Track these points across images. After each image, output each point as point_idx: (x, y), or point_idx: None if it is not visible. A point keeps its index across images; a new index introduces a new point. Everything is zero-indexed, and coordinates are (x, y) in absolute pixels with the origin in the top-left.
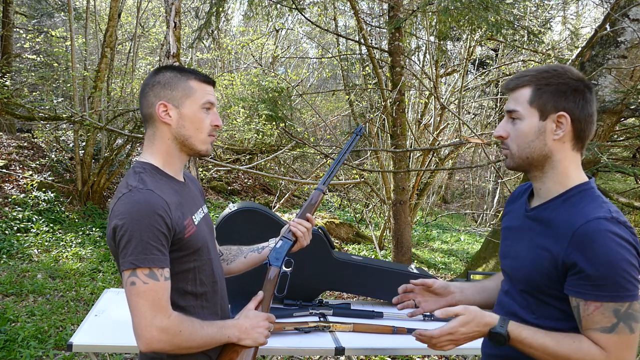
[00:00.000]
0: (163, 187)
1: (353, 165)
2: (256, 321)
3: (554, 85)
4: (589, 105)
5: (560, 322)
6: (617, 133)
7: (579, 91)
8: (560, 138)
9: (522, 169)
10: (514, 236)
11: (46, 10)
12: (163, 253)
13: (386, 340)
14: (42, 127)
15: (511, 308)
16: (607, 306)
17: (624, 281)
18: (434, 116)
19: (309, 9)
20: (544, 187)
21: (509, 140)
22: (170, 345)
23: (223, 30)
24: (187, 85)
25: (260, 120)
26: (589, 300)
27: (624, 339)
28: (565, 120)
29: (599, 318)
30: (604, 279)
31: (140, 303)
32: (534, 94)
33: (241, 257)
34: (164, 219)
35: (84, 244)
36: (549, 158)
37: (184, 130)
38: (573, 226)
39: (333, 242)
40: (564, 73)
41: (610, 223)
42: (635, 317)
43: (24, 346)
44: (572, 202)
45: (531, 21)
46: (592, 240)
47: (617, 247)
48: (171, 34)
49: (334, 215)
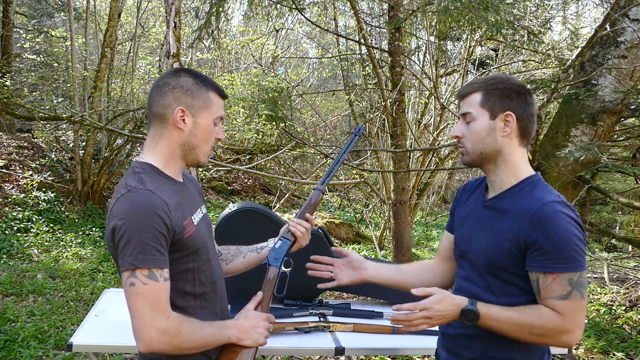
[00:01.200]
0: (162, 188)
1: (353, 165)
2: (256, 321)
3: (500, 90)
4: (530, 107)
5: (518, 297)
6: (617, 133)
7: (521, 94)
8: (508, 134)
9: (477, 164)
10: (473, 225)
11: (46, 10)
12: (162, 253)
13: (386, 340)
14: (42, 127)
15: (472, 291)
16: (563, 277)
17: (576, 254)
18: (434, 116)
19: (309, 9)
20: (498, 180)
21: (464, 140)
22: (169, 346)
23: (223, 30)
24: (207, 97)
25: (260, 120)
26: (547, 273)
27: (576, 303)
28: (512, 119)
29: (556, 287)
30: (560, 252)
31: (139, 304)
32: (484, 97)
33: (240, 257)
34: (163, 220)
35: (84, 244)
36: (500, 152)
37: (194, 139)
38: (531, 209)
39: (333, 242)
40: (508, 80)
41: (561, 205)
42: (584, 284)
43: (24, 346)
44: (526, 191)
45: (531, 21)
46: (549, 219)
47: (569, 225)
48: (171, 34)
49: (334, 215)
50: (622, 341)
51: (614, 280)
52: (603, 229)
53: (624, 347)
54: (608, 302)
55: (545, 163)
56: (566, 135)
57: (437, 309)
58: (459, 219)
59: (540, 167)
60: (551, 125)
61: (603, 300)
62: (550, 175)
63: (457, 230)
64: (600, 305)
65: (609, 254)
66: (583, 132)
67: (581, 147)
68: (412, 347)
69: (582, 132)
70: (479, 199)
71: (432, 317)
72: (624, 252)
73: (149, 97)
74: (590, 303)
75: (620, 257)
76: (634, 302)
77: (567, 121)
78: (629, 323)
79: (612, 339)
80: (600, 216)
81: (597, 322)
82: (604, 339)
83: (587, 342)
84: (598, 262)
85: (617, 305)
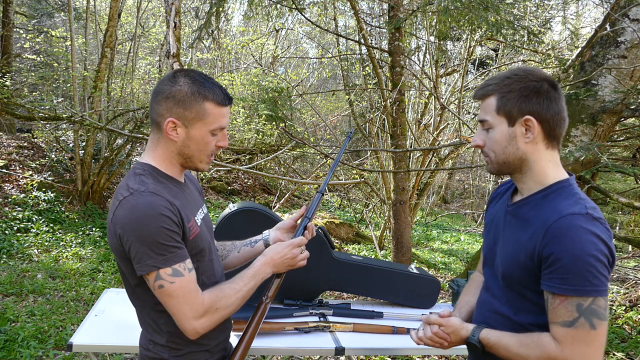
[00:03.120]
0: (164, 189)
1: (353, 165)
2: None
3: (516, 91)
4: (554, 103)
5: (537, 315)
6: (617, 133)
7: (541, 92)
8: (532, 140)
9: (503, 173)
10: (496, 232)
11: (46, 10)
12: (180, 247)
13: (386, 340)
14: (42, 127)
15: (492, 306)
16: (571, 300)
17: (590, 275)
18: (434, 116)
19: (309, 9)
20: (525, 187)
21: (486, 148)
22: (213, 321)
23: (223, 30)
24: (201, 108)
25: (260, 120)
26: (556, 294)
27: (581, 333)
28: (533, 123)
29: (562, 312)
30: (570, 271)
31: (174, 303)
32: (499, 102)
33: (235, 252)
34: (170, 218)
35: (84, 244)
36: (525, 160)
37: (187, 150)
38: (547, 222)
39: (333, 242)
40: (525, 77)
41: (584, 218)
42: (597, 313)
43: (24, 346)
44: (550, 198)
45: (531, 21)
46: (564, 234)
47: (587, 242)
48: (171, 34)
49: (334, 215)
50: (622, 341)
51: (614, 280)
52: None
53: (624, 347)
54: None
55: None
56: (566, 135)
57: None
58: (486, 223)
59: None
60: None
61: None
62: None
63: (485, 238)
64: None
65: None
66: (583, 132)
67: (581, 147)
68: (412, 347)
69: (582, 132)
70: (504, 202)
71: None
72: (624, 252)
73: (150, 98)
74: None
75: (620, 257)
76: (634, 302)
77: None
78: (629, 323)
79: (612, 339)
80: None
81: None
82: None
83: None
84: None
85: (617, 305)
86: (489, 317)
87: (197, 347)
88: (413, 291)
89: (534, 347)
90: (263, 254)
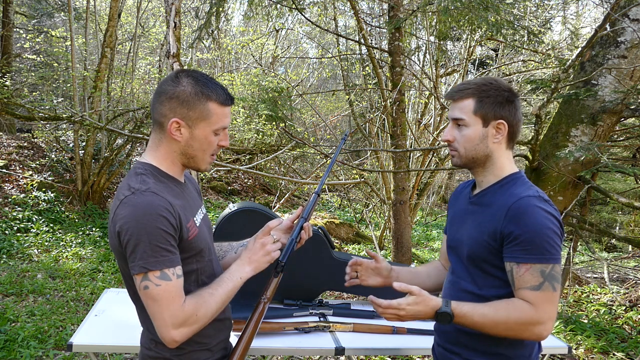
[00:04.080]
0: (165, 189)
1: (353, 165)
2: (256, 247)
3: (492, 97)
4: (518, 112)
5: (500, 289)
6: (617, 133)
7: (511, 101)
8: (499, 141)
9: (467, 167)
10: (460, 221)
11: (46, 10)
12: (172, 252)
13: (386, 340)
14: (42, 127)
15: (459, 285)
16: (535, 267)
17: (549, 245)
18: (434, 116)
19: (309, 9)
20: (484, 179)
21: (456, 143)
22: (192, 330)
23: (223, 30)
24: (205, 108)
25: (260, 120)
26: (521, 263)
27: (548, 295)
28: (504, 127)
29: (529, 278)
30: (532, 243)
31: (156, 307)
32: (477, 104)
33: (232, 253)
34: (168, 219)
35: (84, 244)
36: (490, 157)
37: (190, 150)
38: (508, 203)
39: (333, 242)
40: (498, 86)
41: (537, 200)
42: (557, 277)
43: (24, 346)
44: (506, 187)
45: (531, 21)
46: (523, 212)
47: (543, 218)
48: (171, 34)
49: (334, 215)
50: (622, 341)
51: (614, 280)
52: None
53: (624, 347)
54: (608, 302)
55: (545, 163)
56: (566, 135)
57: (408, 310)
58: (450, 219)
59: (540, 167)
60: (551, 125)
61: (603, 300)
62: (550, 175)
63: (449, 230)
64: (600, 305)
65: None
66: (583, 132)
67: (581, 147)
68: (412, 347)
69: (582, 132)
70: (466, 197)
71: (402, 316)
72: (624, 252)
73: (152, 98)
74: (590, 303)
75: (620, 257)
76: (634, 302)
77: (567, 121)
78: (629, 323)
79: (612, 339)
80: (600, 216)
81: (597, 322)
82: (604, 339)
83: (587, 342)
84: (598, 262)
85: (617, 305)
86: (456, 295)
87: (199, 346)
88: None
89: (512, 310)
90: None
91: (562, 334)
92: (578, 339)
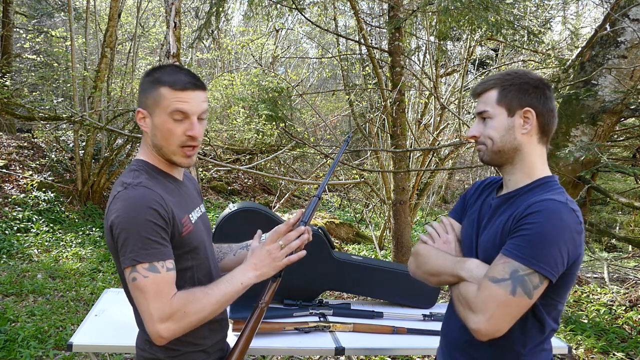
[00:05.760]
0: (158, 184)
1: (353, 165)
2: (262, 254)
3: (517, 85)
4: (549, 101)
5: None
6: (617, 133)
7: (539, 88)
8: (528, 132)
9: (496, 163)
10: (479, 223)
11: (46, 10)
12: (164, 245)
13: (386, 340)
14: (42, 127)
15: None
16: (512, 264)
17: (545, 255)
18: (434, 116)
19: (309, 9)
20: (512, 178)
21: (482, 138)
22: (180, 327)
23: (223, 30)
24: (157, 93)
25: (260, 120)
26: (504, 255)
27: (499, 293)
28: (531, 115)
29: (497, 269)
30: (531, 243)
31: (142, 298)
32: (500, 94)
33: (231, 255)
34: (159, 212)
35: (84, 244)
36: (519, 151)
37: (155, 140)
38: (529, 203)
39: (333, 242)
40: (524, 74)
41: (562, 205)
42: (525, 285)
43: (24, 346)
44: (536, 192)
45: (531, 21)
46: (539, 210)
47: (555, 225)
48: (171, 34)
49: (334, 215)
50: (622, 341)
51: (614, 280)
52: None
53: (624, 347)
54: (608, 302)
55: None
56: (566, 135)
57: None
58: (471, 211)
59: None
60: None
61: (603, 300)
62: None
63: (466, 225)
64: (600, 305)
65: (609, 254)
66: (583, 132)
67: (581, 147)
68: (412, 347)
69: (582, 132)
70: (487, 198)
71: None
72: (624, 252)
73: None
74: (590, 303)
75: (620, 257)
76: (634, 302)
77: (567, 121)
78: (629, 323)
79: (612, 339)
80: (600, 216)
81: (597, 322)
82: (604, 339)
83: (587, 342)
84: (598, 262)
85: (617, 305)
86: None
87: (194, 347)
88: (413, 291)
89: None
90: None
91: (562, 334)
92: (578, 339)
